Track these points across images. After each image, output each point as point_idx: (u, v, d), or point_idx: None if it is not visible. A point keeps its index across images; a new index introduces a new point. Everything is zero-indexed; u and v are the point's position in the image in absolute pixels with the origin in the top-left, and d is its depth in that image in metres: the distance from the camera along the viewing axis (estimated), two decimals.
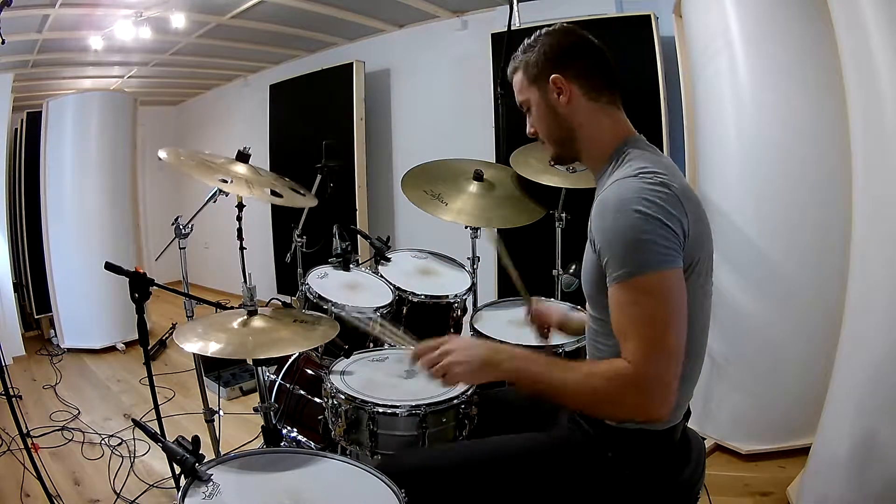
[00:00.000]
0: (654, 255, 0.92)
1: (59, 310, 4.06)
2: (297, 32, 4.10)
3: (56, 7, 2.99)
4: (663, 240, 0.92)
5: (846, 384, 1.69)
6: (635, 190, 0.95)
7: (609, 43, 1.14)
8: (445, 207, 1.99)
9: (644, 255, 0.92)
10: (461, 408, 1.36)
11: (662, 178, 0.96)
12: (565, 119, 1.11)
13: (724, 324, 2.25)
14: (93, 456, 2.54)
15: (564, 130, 1.12)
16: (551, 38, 1.11)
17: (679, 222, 0.94)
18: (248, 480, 1.08)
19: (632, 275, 0.93)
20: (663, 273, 0.92)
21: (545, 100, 1.11)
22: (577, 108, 1.10)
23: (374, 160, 4.26)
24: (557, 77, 1.08)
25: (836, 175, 2.00)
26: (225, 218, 2.85)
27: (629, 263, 0.93)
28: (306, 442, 1.68)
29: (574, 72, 1.09)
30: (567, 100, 1.09)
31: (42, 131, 3.95)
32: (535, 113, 1.15)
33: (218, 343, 1.27)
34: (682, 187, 0.98)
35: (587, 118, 1.10)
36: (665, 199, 0.94)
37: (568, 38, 1.11)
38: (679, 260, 0.94)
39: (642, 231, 0.92)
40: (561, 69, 1.09)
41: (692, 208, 0.97)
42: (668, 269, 0.93)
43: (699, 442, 1.17)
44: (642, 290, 0.93)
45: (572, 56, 1.10)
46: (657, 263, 0.92)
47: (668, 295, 0.93)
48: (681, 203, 0.95)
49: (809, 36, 2.03)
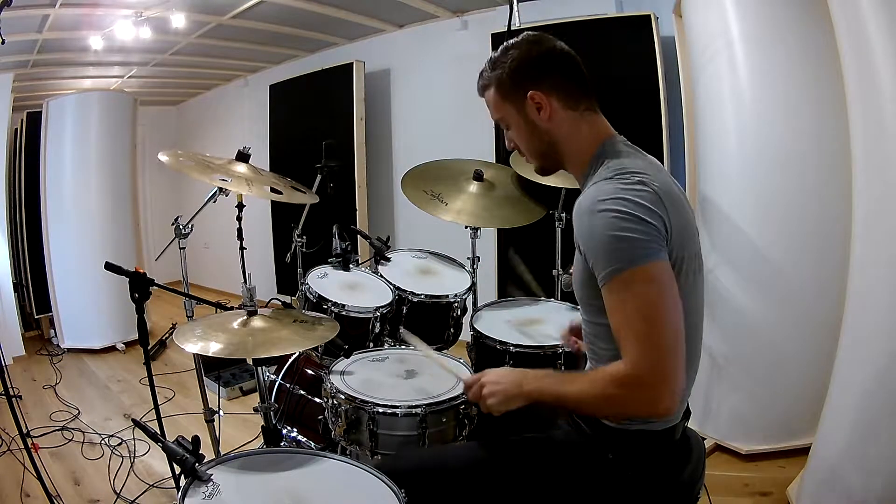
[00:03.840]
0: (635, 250, 0.91)
1: (59, 310, 4.06)
2: (297, 32, 4.10)
3: (56, 7, 2.99)
4: (643, 234, 0.92)
5: (846, 384, 1.69)
6: (611, 191, 0.95)
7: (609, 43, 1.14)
8: (445, 207, 1.99)
9: (624, 252, 0.92)
10: (461, 408, 1.36)
11: (640, 176, 0.96)
12: (546, 133, 1.09)
13: (724, 324, 2.25)
14: (93, 456, 2.54)
15: (546, 144, 1.10)
16: (520, 51, 1.07)
17: (660, 217, 0.94)
18: (248, 480, 1.08)
19: (616, 273, 0.92)
20: (646, 267, 0.91)
21: (523, 115, 1.09)
22: (557, 121, 1.07)
23: (374, 160, 4.26)
24: (535, 93, 1.06)
25: (836, 175, 2.00)
26: (225, 218, 2.85)
27: (612, 263, 0.93)
28: (306, 442, 1.69)
29: (550, 84, 1.06)
30: (548, 115, 1.07)
31: (42, 131, 3.95)
32: (514, 129, 1.12)
33: (218, 343, 1.27)
34: (662, 185, 0.97)
35: (568, 129, 1.08)
36: (642, 196, 0.94)
37: (537, 48, 1.07)
38: (663, 253, 0.93)
39: (620, 229, 0.92)
40: (536, 83, 1.06)
41: (673, 206, 0.97)
42: (652, 262, 0.92)
43: (699, 442, 1.17)
44: (628, 288, 0.92)
45: (545, 68, 1.07)
46: (639, 258, 0.91)
47: (654, 288, 0.92)
48: (661, 200, 0.95)
49: (809, 36, 2.03)
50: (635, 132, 1.14)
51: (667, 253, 0.94)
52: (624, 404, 0.96)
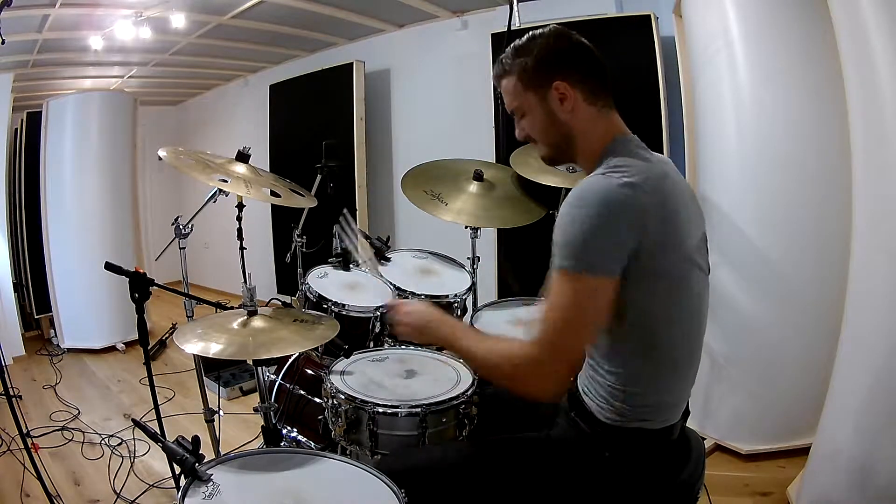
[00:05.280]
0: (590, 257, 0.94)
1: (59, 310, 4.06)
2: (297, 32, 4.10)
3: (56, 7, 2.99)
4: (604, 246, 0.94)
5: (846, 384, 1.69)
6: (598, 189, 0.96)
7: (609, 43, 1.14)
8: (445, 207, 1.99)
9: (580, 254, 0.94)
10: (461, 408, 1.36)
11: (632, 178, 0.96)
12: (565, 124, 1.09)
13: (724, 324, 2.25)
14: (93, 456, 2.54)
15: (562, 136, 1.11)
16: (547, 40, 1.08)
17: (631, 232, 0.94)
18: (248, 480, 1.09)
19: (559, 266, 0.96)
20: (585, 276, 0.94)
21: (543, 105, 1.09)
22: (578, 113, 1.08)
23: (374, 160, 4.26)
24: (561, 83, 1.06)
25: (836, 175, 2.00)
26: (225, 218, 2.85)
27: (567, 256, 0.95)
28: (306, 442, 1.69)
29: (576, 76, 1.07)
30: (571, 107, 1.07)
31: (42, 131, 3.95)
32: (530, 118, 1.13)
33: (218, 344, 1.27)
34: (654, 188, 0.97)
35: (587, 123, 1.09)
36: (624, 201, 0.94)
37: (565, 41, 1.09)
38: (616, 270, 0.95)
39: (588, 231, 0.93)
40: (563, 74, 1.06)
41: (660, 210, 0.96)
42: (598, 277, 0.94)
43: (699, 442, 1.17)
44: (566, 284, 0.95)
45: (571, 60, 1.08)
46: (589, 267, 0.94)
47: (585, 297, 0.95)
48: (643, 207, 0.94)
49: (809, 36, 2.03)
50: (635, 132, 1.14)
51: (619, 269, 0.95)
52: (507, 377, 1.04)
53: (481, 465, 1.14)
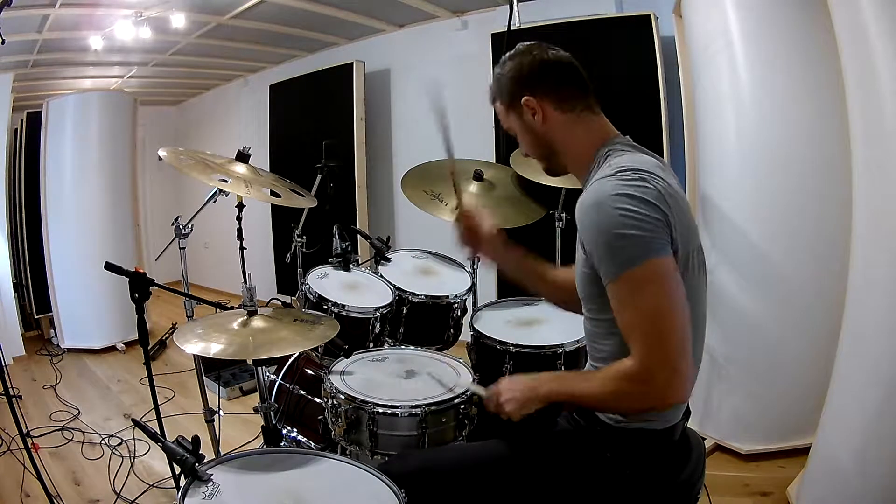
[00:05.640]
0: (639, 247, 0.93)
1: (59, 310, 4.06)
2: (297, 32, 4.10)
3: (56, 7, 2.99)
4: (647, 231, 0.93)
5: (846, 384, 1.69)
6: (613, 187, 0.96)
7: (609, 43, 1.15)
8: (445, 207, 1.99)
9: (629, 249, 0.93)
10: (461, 408, 1.36)
11: (641, 174, 0.97)
12: (543, 136, 1.14)
13: (724, 324, 2.25)
14: (93, 456, 2.54)
15: (545, 147, 1.16)
16: (514, 61, 1.14)
17: (663, 213, 0.94)
18: (248, 480, 1.08)
19: (621, 271, 0.94)
20: (650, 263, 0.93)
21: (522, 122, 1.15)
22: (552, 124, 1.12)
23: (374, 160, 4.26)
24: (528, 99, 1.11)
25: (836, 175, 2.00)
26: (225, 218, 2.85)
27: (616, 260, 0.94)
28: (306, 442, 1.68)
29: (542, 90, 1.11)
30: (542, 118, 1.12)
31: (42, 131, 3.95)
32: (520, 136, 1.19)
33: (218, 344, 1.27)
34: (663, 183, 0.98)
35: (565, 131, 1.12)
36: (645, 191, 0.94)
37: (530, 57, 1.13)
38: (667, 248, 0.95)
39: (623, 225, 0.93)
40: (530, 89, 1.11)
41: (676, 203, 0.97)
42: (656, 258, 0.93)
43: (699, 442, 1.17)
44: (634, 285, 0.94)
45: (537, 75, 1.12)
46: (643, 255, 0.93)
47: (659, 283, 0.93)
48: (662, 196, 0.95)
49: (809, 36, 2.03)
50: (635, 132, 1.15)
51: (671, 248, 0.95)
52: (636, 399, 0.98)
53: (482, 465, 1.14)
